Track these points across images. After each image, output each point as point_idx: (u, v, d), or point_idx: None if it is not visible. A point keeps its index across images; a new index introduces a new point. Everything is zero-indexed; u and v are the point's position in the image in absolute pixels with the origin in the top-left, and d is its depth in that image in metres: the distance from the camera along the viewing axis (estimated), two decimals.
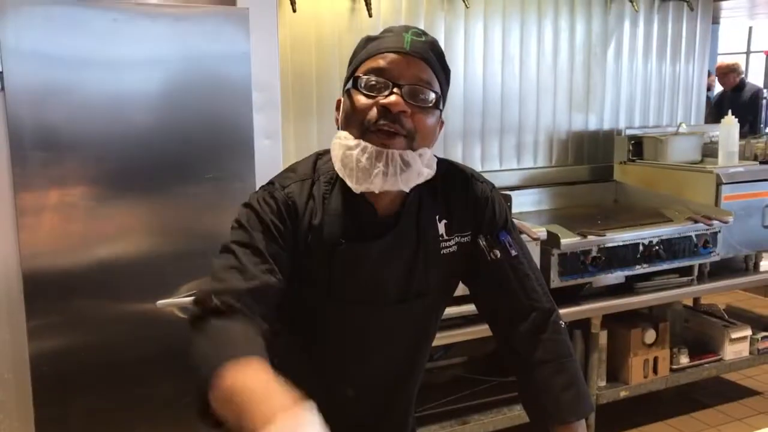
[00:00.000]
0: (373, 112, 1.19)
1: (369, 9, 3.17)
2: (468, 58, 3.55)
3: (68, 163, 1.99)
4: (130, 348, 2.13)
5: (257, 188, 2.15)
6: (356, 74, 1.23)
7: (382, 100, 1.19)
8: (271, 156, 2.27)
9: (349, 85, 1.24)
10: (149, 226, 2.13)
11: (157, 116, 2.08)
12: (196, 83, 2.13)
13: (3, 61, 1.89)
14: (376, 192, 1.22)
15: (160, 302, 2.13)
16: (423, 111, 1.21)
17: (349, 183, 1.22)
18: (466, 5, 3.41)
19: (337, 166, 1.23)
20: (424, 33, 1.25)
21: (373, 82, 1.20)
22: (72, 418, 2.09)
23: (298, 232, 1.24)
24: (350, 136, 1.21)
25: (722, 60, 6.45)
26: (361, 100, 1.21)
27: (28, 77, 1.92)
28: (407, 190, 1.25)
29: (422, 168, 1.23)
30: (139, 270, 2.12)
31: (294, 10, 3.02)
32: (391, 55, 1.21)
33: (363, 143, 1.19)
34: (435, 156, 1.29)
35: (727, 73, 6.20)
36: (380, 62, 1.21)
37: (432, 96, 1.22)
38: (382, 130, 1.18)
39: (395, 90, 1.19)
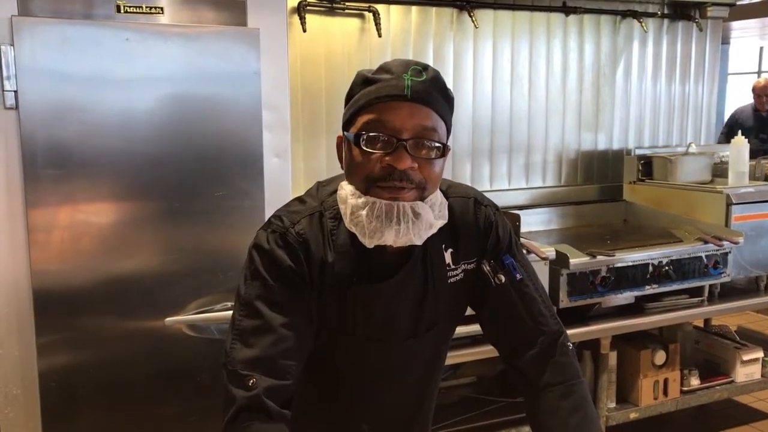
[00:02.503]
0: (378, 168, 1.15)
1: (378, 29, 3.20)
2: (477, 77, 3.56)
3: (79, 180, 2.01)
4: (138, 365, 2.14)
5: (265, 206, 2.19)
6: (355, 126, 1.17)
7: (387, 158, 1.14)
8: (281, 174, 2.28)
9: (350, 137, 1.18)
10: (159, 243, 2.14)
11: (167, 135, 2.10)
12: (207, 102, 2.15)
13: (17, 80, 1.91)
14: (388, 244, 1.19)
15: (169, 320, 2.14)
16: (429, 161, 1.17)
17: (360, 239, 1.19)
18: (475, 25, 3.44)
19: (347, 221, 1.19)
20: (424, 68, 1.17)
21: (374, 139, 1.14)
22: None
23: (311, 269, 1.21)
24: (356, 192, 1.17)
25: (760, 80, 6.15)
26: (364, 155, 1.16)
27: (42, 96, 1.95)
28: (420, 244, 1.21)
29: (433, 219, 1.20)
30: (148, 287, 2.13)
31: (304, 30, 3.05)
32: (392, 104, 1.14)
33: (371, 200, 1.15)
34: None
35: None
36: (380, 114, 1.14)
37: (437, 146, 1.17)
38: (391, 187, 1.15)
39: (399, 145, 1.13)
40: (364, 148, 1.15)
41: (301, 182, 2.95)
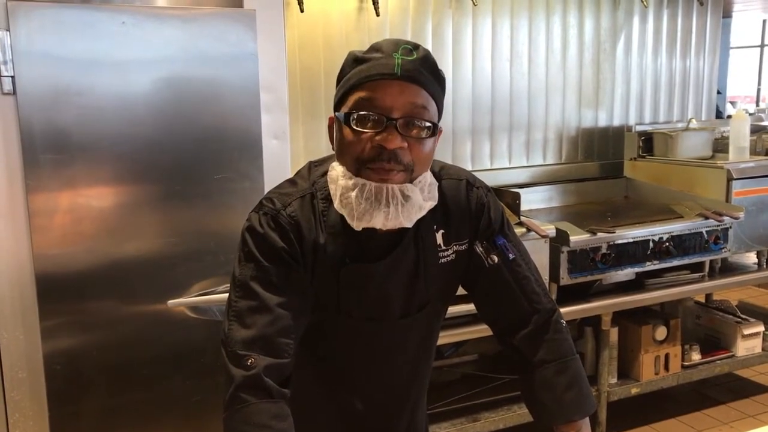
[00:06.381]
0: (368, 148, 1.15)
1: (376, 8, 3.18)
2: (476, 55, 3.54)
3: (79, 164, 2.02)
4: (141, 347, 2.15)
5: (265, 188, 2.20)
6: (346, 105, 1.17)
7: (377, 138, 1.14)
8: (280, 156, 2.28)
9: (341, 117, 1.18)
10: (159, 226, 2.14)
11: (166, 117, 2.10)
12: (204, 84, 2.14)
13: (14, 65, 1.91)
14: (378, 227, 1.20)
15: (171, 302, 2.15)
16: (420, 141, 1.17)
17: (349, 221, 1.19)
18: (474, 2, 3.41)
19: (336, 203, 1.20)
20: (414, 47, 1.17)
21: (365, 118, 1.14)
22: (85, 416, 2.12)
23: (304, 251, 1.23)
24: (347, 173, 1.18)
25: None
26: (354, 135, 1.15)
27: (39, 80, 1.94)
28: (410, 226, 1.22)
29: (422, 201, 1.20)
30: (150, 270, 2.14)
31: (301, 10, 3.03)
32: (382, 82, 1.14)
33: (361, 182, 1.16)
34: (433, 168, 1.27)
35: None
36: (370, 93, 1.14)
37: (427, 125, 1.17)
38: (381, 168, 1.15)
39: (389, 124, 1.13)
40: (355, 128, 1.15)
41: (302, 163, 2.90)
